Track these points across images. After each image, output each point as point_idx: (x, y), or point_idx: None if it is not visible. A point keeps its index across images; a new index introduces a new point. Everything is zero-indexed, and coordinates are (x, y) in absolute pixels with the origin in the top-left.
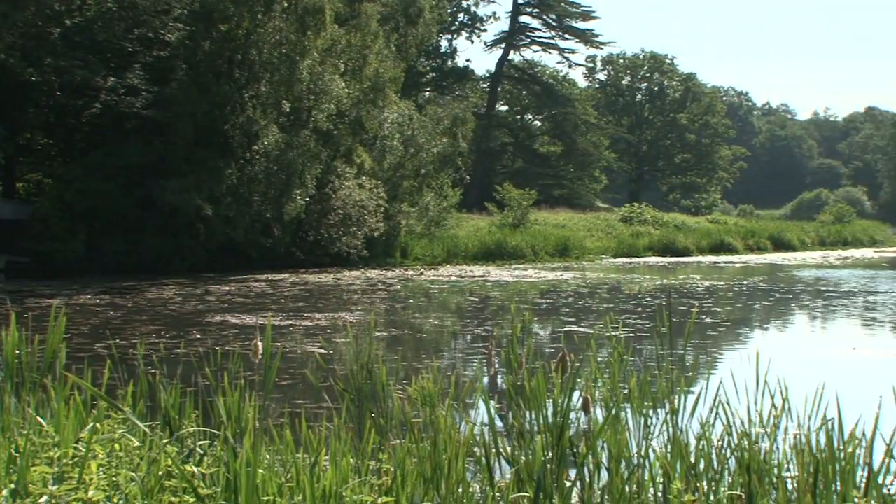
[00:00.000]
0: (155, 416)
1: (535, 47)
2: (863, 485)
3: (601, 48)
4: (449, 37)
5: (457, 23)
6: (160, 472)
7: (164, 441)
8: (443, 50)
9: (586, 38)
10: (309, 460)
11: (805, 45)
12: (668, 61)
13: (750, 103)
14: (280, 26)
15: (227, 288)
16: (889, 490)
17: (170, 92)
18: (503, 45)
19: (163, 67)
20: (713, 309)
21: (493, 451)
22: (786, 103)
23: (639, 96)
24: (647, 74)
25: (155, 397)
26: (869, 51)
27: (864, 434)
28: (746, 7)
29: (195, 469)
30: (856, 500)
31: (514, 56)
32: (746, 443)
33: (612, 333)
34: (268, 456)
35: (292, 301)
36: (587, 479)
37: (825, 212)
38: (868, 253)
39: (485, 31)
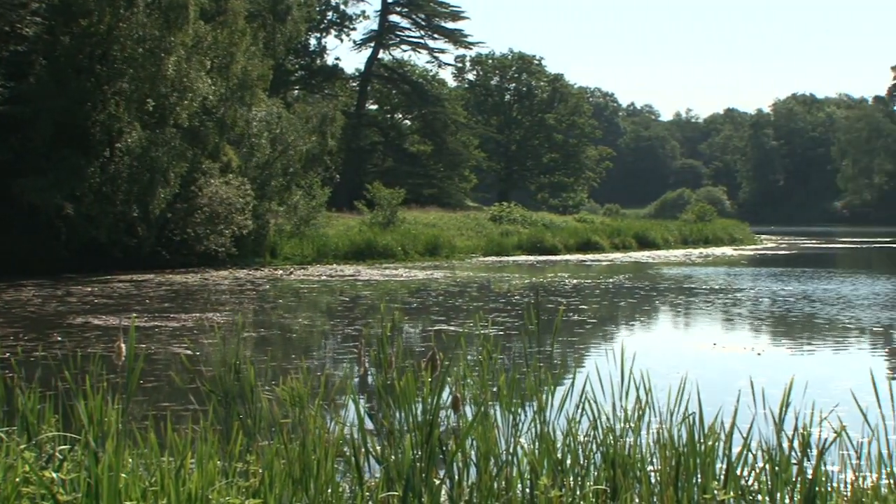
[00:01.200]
0: (12, 422)
1: (404, 47)
2: (722, 476)
3: (470, 48)
4: (318, 35)
5: (326, 21)
6: (17, 479)
7: (22, 447)
8: (312, 48)
9: (455, 38)
10: (174, 463)
11: (668, 46)
12: (536, 62)
13: (615, 104)
14: (143, 22)
15: (89, 289)
16: (747, 481)
17: (27, 87)
18: (372, 45)
19: (20, 62)
20: (580, 307)
21: (363, 450)
22: (650, 104)
23: (507, 96)
24: (516, 75)
25: (12, 402)
26: (728, 53)
27: (723, 427)
28: (612, 9)
29: (54, 475)
30: (715, 491)
31: (383, 55)
32: (611, 438)
33: (482, 332)
34: (131, 460)
35: (158, 302)
36: (456, 477)
37: (687, 211)
38: (728, 251)
39: (354, 29)
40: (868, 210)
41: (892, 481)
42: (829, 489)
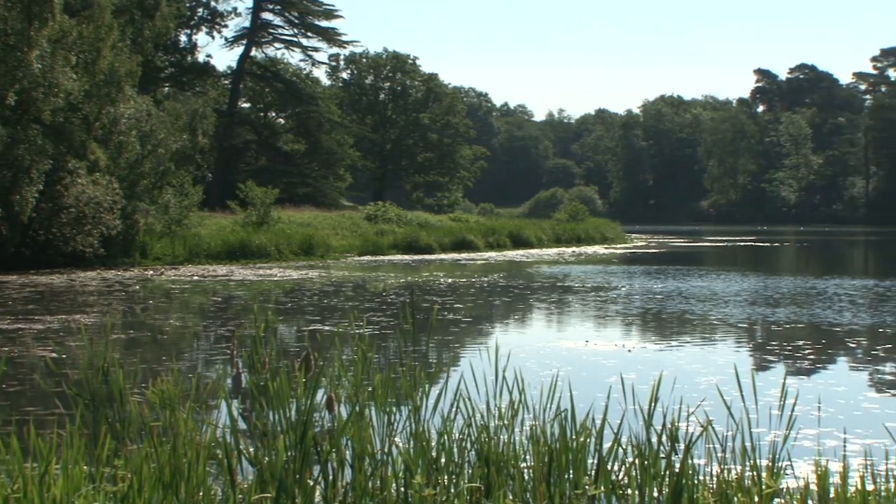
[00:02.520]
0: None
1: (277, 45)
2: (593, 472)
3: (344, 47)
4: (188, 31)
5: (196, 17)
6: None
7: None
8: (182, 45)
9: (329, 36)
10: (38, 469)
11: (541, 47)
12: (411, 61)
13: (489, 104)
14: (3, 15)
15: None
16: (617, 475)
17: None
18: (244, 42)
19: None
20: (455, 306)
21: (236, 452)
22: (523, 104)
23: (382, 95)
24: (390, 74)
25: None
26: (599, 54)
27: (594, 423)
28: (485, 10)
29: None
30: (586, 486)
31: (256, 53)
32: (486, 436)
33: (357, 331)
34: None
35: (21, 303)
36: (331, 477)
37: (560, 210)
38: (600, 250)
39: (225, 26)
40: (733, 209)
41: (755, 473)
42: (696, 482)
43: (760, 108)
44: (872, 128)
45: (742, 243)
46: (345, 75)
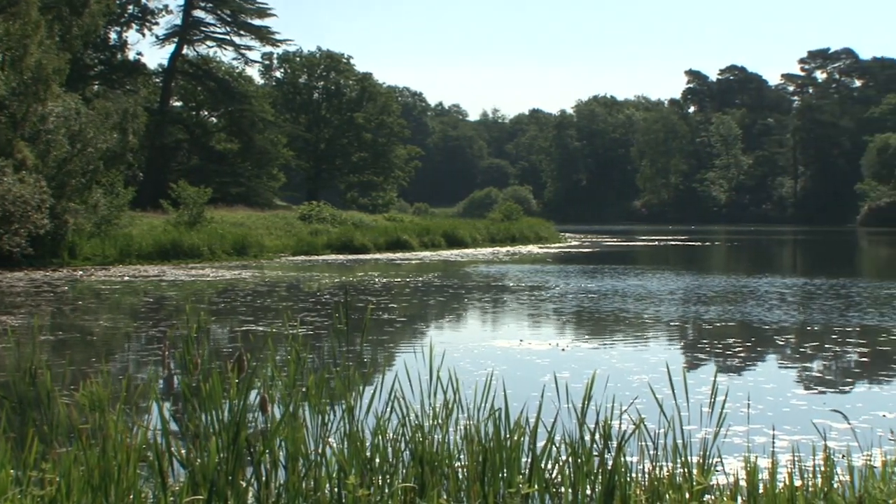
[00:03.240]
0: None
1: (209, 43)
2: (527, 470)
3: (278, 46)
4: (118, 29)
5: (126, 14)
6: None
7: None
8: (112, 42)
9: (262, 34)
10: None
11: (475, 47)
12: (345, 61)
13: (424, 104)
14: None
15: None
16: (551, 474)
17: None
18: (176, 40)
19: None
20: (390, 305)
21: (167, 454)
22: (457, 104)
23: (316, 95)
24: (324, 73)
25: None
26: (533, 54)
27: (528, 421)
28: (419, 9)
29: None
30: (520, 485)
31: (187, 51)
32: (420, 435)
33: (291, 331)
34: None
35: None
36: (264, 478)
37: (495, 210)
38: (534, 249)
39: (156, 24)
40: (665, 209)
41: (686, 470)
42: (629, 479)
43: (692, 109)
44: (800, 128)
45: (674, 242)
46: (278, 74)
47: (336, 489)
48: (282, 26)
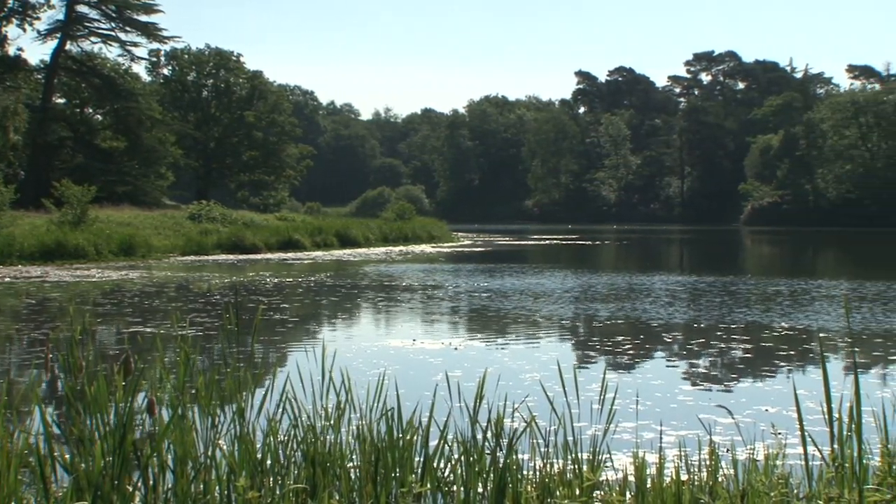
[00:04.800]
0: None
1: (94, 38)
2: (420, 470)
3: (165, 43)
4: None
5: (6, 9)
6: None
7: None
8: None
9: (149, 31)
10: None
11: (366, 46)
12: (235, 58)
13: (315, 102)
14: None
15: None
16: (443, 473)
17: None
18: (59, 35)
19: None
20: (282, 305)
21: (50, 460)
22: (350, 103)
23: (205, 93)
24: (213, 71)
25: None
26: (425, 54)
27: (420, 421)
28: (310, 7)
29: None
30: (413, 484)
31: (71, 47)
32: (312, 436)
33: (180, 333)
34: None
35: None
36: (152, 482)
37: (388, 209)
38: (427, 248)
39: (38, 19)
40: (556, 208)
41: (576, 467)
42: (520, 477)
43: (582, 110)
44: (686, 129)
45: (565, 241)
46: (166, 71)
47: (226, 492)
48: (169, 23)
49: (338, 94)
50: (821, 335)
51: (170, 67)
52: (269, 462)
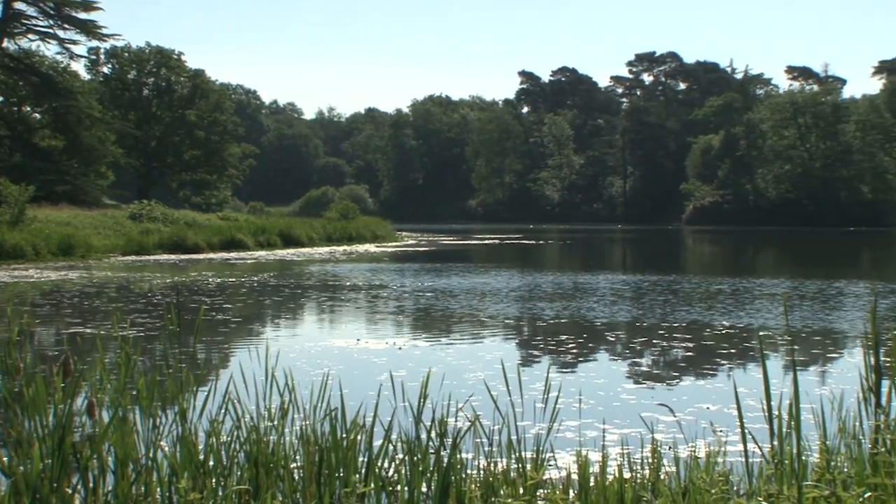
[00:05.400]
0: None
1: (31, 36)
2: (363, 470)
3: (105, 40)
4: None
5: None
6: None
7: None
8: None
9: (88, 29)
10: None
11: (309, 45)
12: (176, 57)
13: (258, 102)
14: None
15: None
16: (387, 472)
17: None
18: None
19: None
20: (225, 306)
21: None
22: (293, 102)
23: (146, 91)
24: (154, 69)
25: None
26: (368, 53)
27: (364, 421)
28: (252, 6)
29: None
30: (357, 485)
31: (8, 44)
32: (255, 437)
33: (121, 333)
34: None
35: None
36: (92, 485)
37: (331, 209)
38: (371, 248)
39: None
40: (500, 208)
41: (520, 466)
42: (464, 476)
43: (525, 109)
44: (629, 130)
45: (509, 241)
46: (106, 70)
47: (168, 494)
48: (109, 20)
49: (280, 94)
50: (761, 334)
51: (109, 66)
52: (211, 463)
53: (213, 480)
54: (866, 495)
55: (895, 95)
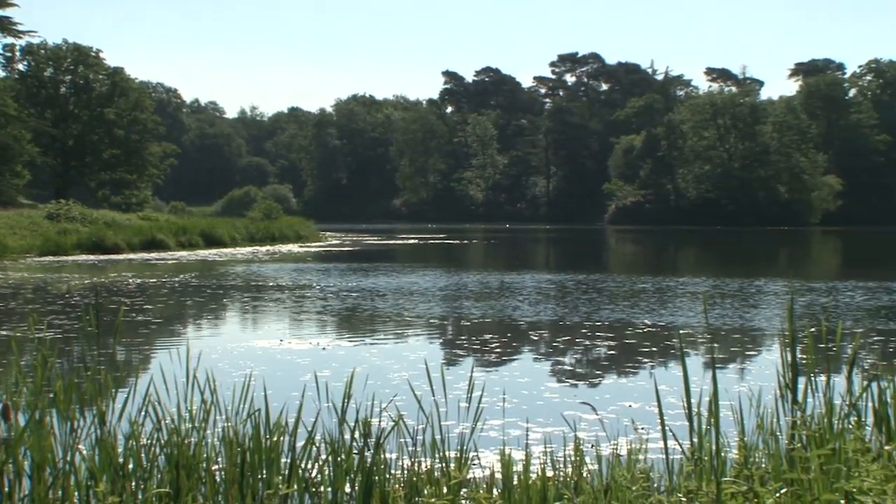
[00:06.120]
0: None
1: None
2: (287, 471)
3: (20, 37)
4: None
5: None
6: None
7: None
8: None
9: (3, 25)
10: None
11: (231, 44)
12: (94, 54)
13: (179, 100)
14: None
15: None
16: (311, 473)
17: None
18: None
19: None
20: (145, 306)
21: None
22: (215, 101)
23: (63, 89)
24: (72, 67)
25: None
26: (291, 52)
27: (287, 422)
28: (172, 3)
29: None
30: (279, 486)
31: None
32: (176, 439)
33: (37, 335)
34: None
35: None
36: (7, 490)
37: (254, 209)
38: (295, 248)
39: None
40: (425, 208)
41: (444, 465)
42: (388, 476)
43: (449, 109)
44: (552, 130)
45: (433, 241)
46: (21, 67)
47: (86, 497)
48: (24, 17)
49: (202, 92)
50: (682, 332)
51: (25, 63)
52: (131, 466)
53: (133, 484)
54: (783, 490)
55: (811, 97)
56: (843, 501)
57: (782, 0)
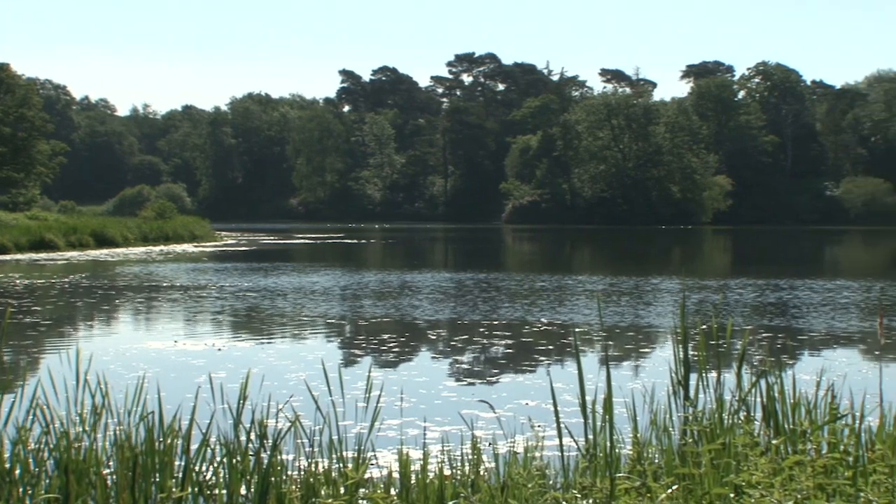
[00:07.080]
0: None
1: None
2: (180, 474)
3: None
4: None
5: None
6: None
7: None
8: None
9: None
10: None
11: (122, 40)
12: None
13: (68, 97)
14: None
15: None
16: (205, 476)
17: None
18: None
19: None
20: (33, 308)
21: None
22: (105, 99)
23: None
24: None
25: None
26: (185, 48)
27: (181, 424)
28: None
29: None
30: (173, 490)
31: None
32: (66, 443)
33: None
34: None
35: None
36: None
37: (147, 208)
38: (189, 248)
39: None
40: (322, 207)
41: (341, 465)
42: (284, 477)
43: (346, 108)
44: (449, 129)
45: (331, 240)
46: None
47: None
48: None
49: (92, 90)
50: (577, 330)
51: None
52: (18, 472)
53: (20, 490)
54: (675, 486)
55: (702, 98)
56: (732, 495)
57: (674, 2)
